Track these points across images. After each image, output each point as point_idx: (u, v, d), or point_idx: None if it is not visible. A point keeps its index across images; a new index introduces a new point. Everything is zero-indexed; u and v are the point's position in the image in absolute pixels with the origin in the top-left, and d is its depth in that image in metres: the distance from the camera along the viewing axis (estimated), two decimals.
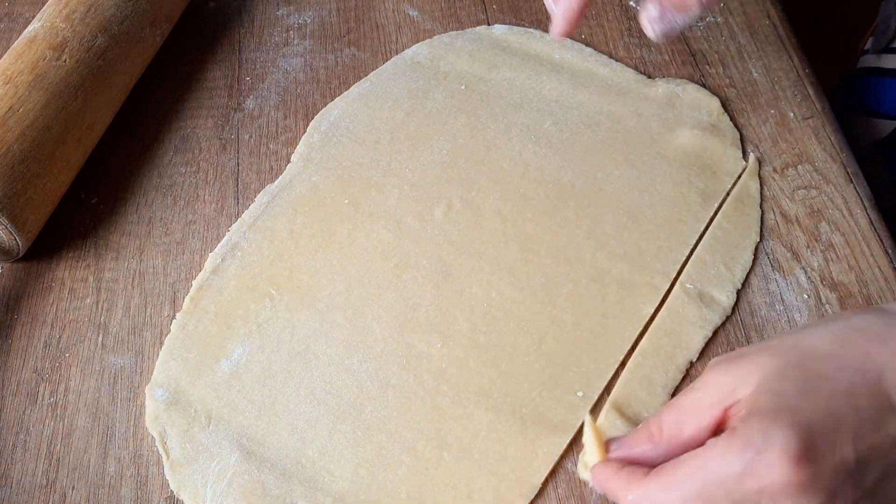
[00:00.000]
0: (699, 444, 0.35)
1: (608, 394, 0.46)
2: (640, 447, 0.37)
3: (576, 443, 0.45)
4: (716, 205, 0.53)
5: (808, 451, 0.33)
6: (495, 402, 0.46)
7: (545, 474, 0.44)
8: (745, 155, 0.56)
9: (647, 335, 0.48)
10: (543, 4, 0.64)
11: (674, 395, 0.46)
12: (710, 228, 0.52)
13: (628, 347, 0.48)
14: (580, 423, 0.45)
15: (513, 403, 0.46)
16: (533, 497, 0.43)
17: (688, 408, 0.36)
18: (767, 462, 0.32)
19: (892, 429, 0.34)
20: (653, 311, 0.49)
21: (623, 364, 0.47)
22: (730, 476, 0.33)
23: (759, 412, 0.34)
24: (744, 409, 0.34)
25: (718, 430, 0.35)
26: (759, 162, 0.55)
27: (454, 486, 0.43)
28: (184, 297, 0.50)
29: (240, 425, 0.45)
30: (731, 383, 0.35)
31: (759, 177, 0.55)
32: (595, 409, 0.45)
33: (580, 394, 0.46)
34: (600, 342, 0.47)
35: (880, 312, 0.36)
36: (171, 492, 0.44)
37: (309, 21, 0.64)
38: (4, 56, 0.53)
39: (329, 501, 0.43)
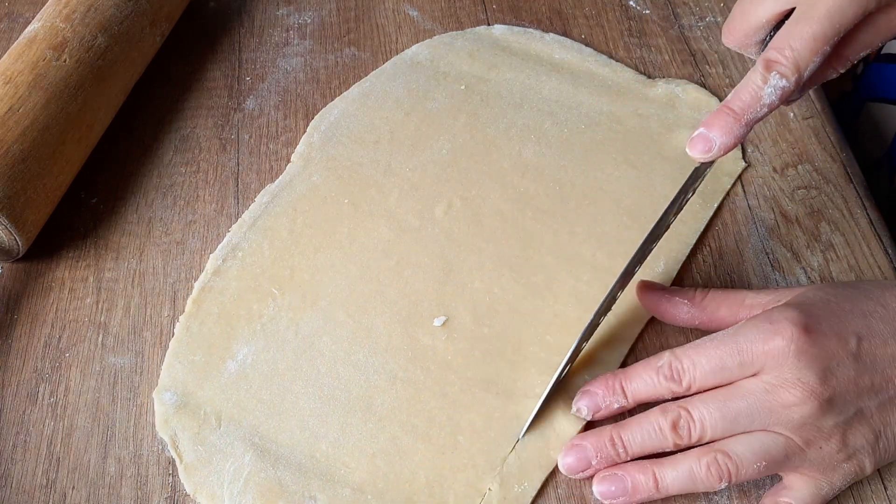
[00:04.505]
0: (725, 325, 0.43)
1: None
2: (682, 297, 0.46)
3: (591, 427, 0.45)
4: (716, 205, 0.53)
5: (812, 326, 0.39)
6: (504, 387, 0.46)
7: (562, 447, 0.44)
8: (744, 155, 0.56)
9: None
10: (543, 4, 0.64)
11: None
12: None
13: (633, 341, 0.48)
14: None
15: (523, 388, 0.46)
16: (552, 469, 0.44)
17: (732, 298, 0.45)
18: (776, 329, 0.39)
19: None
20: None
21: (625, 360, 0.47)
22: (742, 341, 0.40)
23: (784, 304, 0.42)
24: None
25: None
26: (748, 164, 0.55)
27: (474, 464, 0.44)
28: (184, 298, 0.50)
29: (251, 424, 0.45)
30: (772, 301, 0.43)
31: (742, 180, 0.55)
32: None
33: (588, 378, 0.46)
34: (605, 335, 0.48)
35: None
36: (171, 492, 0.44)
37: (309, 21, 0.64)
38: (4, 56, 0.53)
39: (348, 492, 0.43)
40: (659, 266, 0.50)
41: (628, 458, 0.41)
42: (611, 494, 0.41)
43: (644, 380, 0.42)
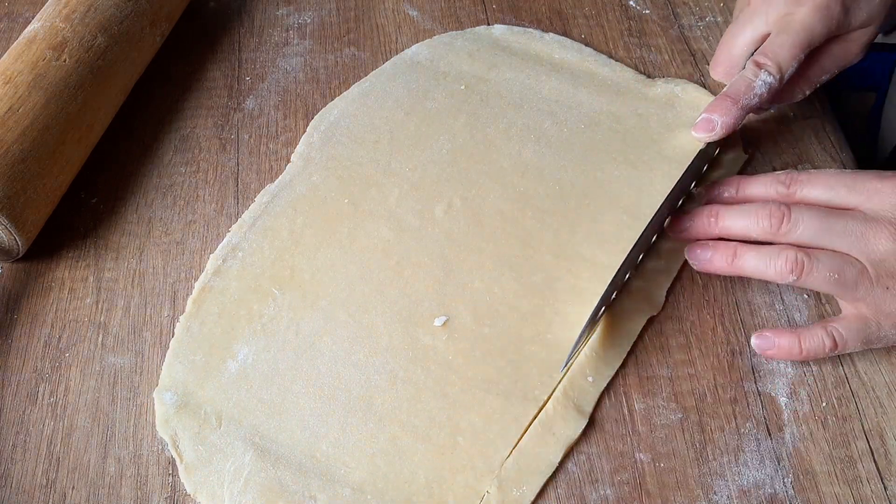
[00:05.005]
0: None
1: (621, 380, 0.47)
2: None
3: (591, 427, 0.46)
4: None
5: None
6: (505, 388, 0.46)
7: (562, 452, 0.44)
8: (745, 154, 0.56)
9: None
10: (543, 4, 0.64)
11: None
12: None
13: (634, 338, 0.48)
14: (594, 403, 0.46)
15: (523, 388, 0.46)
16: (550, 473, 0.44)
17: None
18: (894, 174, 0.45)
19: None
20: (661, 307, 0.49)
21: (626, 359, 0.48)
22: (860, 174, 0.46)
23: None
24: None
25: None
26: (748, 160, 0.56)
27: (472, 466, 0.44)
28: (184, 297, 0.50)
29: (251, 424, 0.45)
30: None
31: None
32: None
33: (591, 378, 0.46)
34: (606, 332, 0.48)
35: None
36: (171, 492, 0.44)
37: (309, 21, 0.64)
38: (4, 56, 0.53)
39: (348, 492, 0.43)
40: (660, 263, 0.50)
41: (717, 231, 0.48)
42: (696, 257, 0.48)
43: (759, 179, 0.49)
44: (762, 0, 0.52)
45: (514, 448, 0.44)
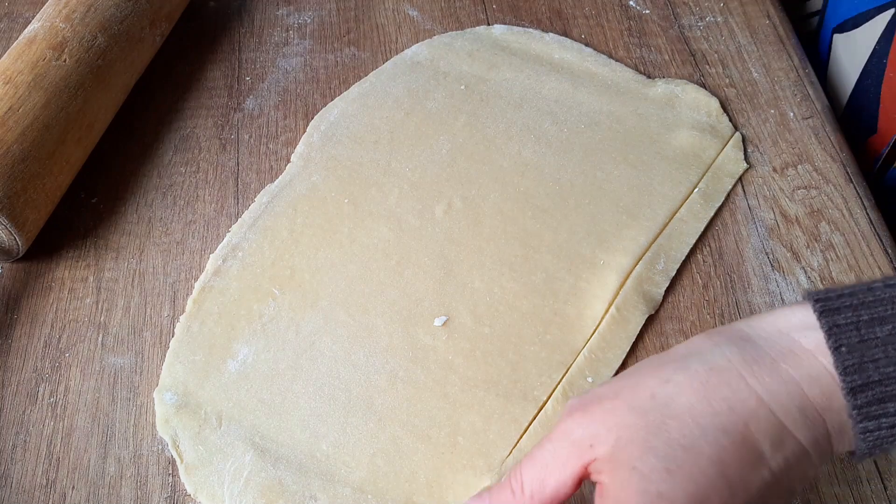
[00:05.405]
0: (562, 498, 0.35)
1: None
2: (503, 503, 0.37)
3: None
4: (717, 205, 0.53)
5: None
6: (505, 388, 0.46)
7: None
8: (746, 156, 0.56)
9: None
10: (543, 4, 0.64)
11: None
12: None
13: (634, 338, 0.48)
14: None
15: (523, 389, 0.46)
16: None
17: (547, 462, 0.36)
18: None
19: (762, 477, 0.33)
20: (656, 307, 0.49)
21: (625, 360, 0.48)
22: None
23: (625, 498, 0.33)
24: (605, 477, 0.34)
25: (580, 480, 0.35)
26: (750, 166, 0.55)
27: (472, 466, 0.44)
28: (184, 297, 0.50)
29: (251, 424, 0.45)
30: (587, 437, 0.35)
31: (741, 180, 0.55)
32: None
33: (591, 379, 0.46)
34: (606, 332, 0.48)
35: (739, 341, 0.35)
36: (171, 492, 0.44)
37: (309, 21, 0.64)
38: (4, 56, 0.53)
39: (349, 492, 0.43)
40: (659, 264, 0.50)
41: None
42: None
43: None
44: None
45: (514, 448, 0.44)
